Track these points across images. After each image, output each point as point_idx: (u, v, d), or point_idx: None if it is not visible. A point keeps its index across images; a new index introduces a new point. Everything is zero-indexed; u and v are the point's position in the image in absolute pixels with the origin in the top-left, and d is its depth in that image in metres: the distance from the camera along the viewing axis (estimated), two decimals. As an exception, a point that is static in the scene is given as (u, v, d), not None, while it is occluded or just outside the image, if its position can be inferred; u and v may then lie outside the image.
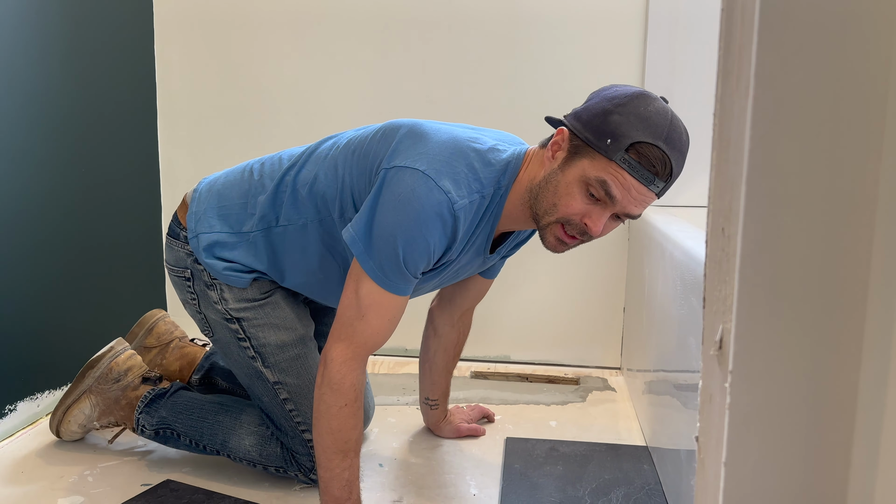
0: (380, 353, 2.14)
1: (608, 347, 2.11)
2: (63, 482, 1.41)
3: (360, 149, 1.24)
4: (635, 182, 1.07)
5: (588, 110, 1.11)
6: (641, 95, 1.09)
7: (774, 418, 0.45)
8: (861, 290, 0.44)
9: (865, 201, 0.43)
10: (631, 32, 1.99)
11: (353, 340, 1.14)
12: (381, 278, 1.12)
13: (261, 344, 1.34)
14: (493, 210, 1.19)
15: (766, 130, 0.43)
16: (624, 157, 1.06)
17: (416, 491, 1.40)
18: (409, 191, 1.10)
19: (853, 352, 0.44)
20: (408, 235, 1.10)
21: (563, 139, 1.12)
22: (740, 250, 0.45)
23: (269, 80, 2.12)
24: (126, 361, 1.50)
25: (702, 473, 0.52)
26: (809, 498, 0.45)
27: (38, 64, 1.65)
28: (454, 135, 1.18)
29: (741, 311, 0.45)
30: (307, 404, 1.35)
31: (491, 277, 1.52)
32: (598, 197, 1.10)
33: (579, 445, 1.60)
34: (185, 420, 1.44)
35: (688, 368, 1.23)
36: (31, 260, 1.65)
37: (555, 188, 1.12)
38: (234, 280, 1.32)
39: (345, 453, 1.17)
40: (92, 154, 1.85)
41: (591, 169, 1.08)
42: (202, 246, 1.32)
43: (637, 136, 1.05)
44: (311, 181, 1.28)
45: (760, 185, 0.44)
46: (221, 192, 1.36)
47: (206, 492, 1.38)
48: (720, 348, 0.48)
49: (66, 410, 1.53)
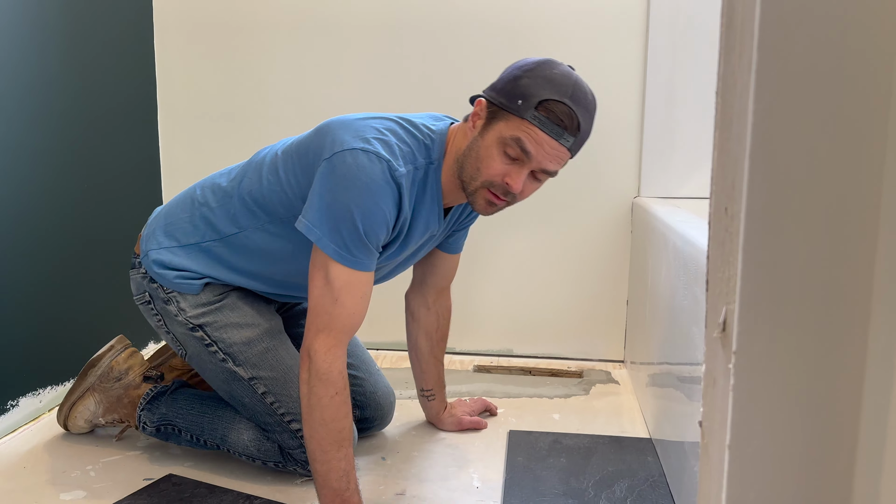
0: (381, 348, 2.13)
1: (611, 340, 2.11)
2: (65, 477, 1.41)
3: (299, 150, 1.29)
4: (547, 137, 1.15)
5: (501, 80, 1.21)
6: (547, 61, 1.19)
7: (779, 400, 0.44)
8: (867, 266, 0.43)
9: (872, 177, 0.42)
10: (632, 32, 1.97)
11: (333, 327, 1.16)
12: (346, 258, 1.16)
13: (228, 345, 1.36)
14: (431, 183, 1.26)
15: (770, 105, 0.42)
16: (534, 114, 1.15)
17: (418, 484, 1.40)
18: (354, 167, 1.15)
19: (859, 331, 0.43)
20: (363, 207, 1.15)
21: (482, 108, 1.21)
22: (744, 229, 0.44)
23: (269, 77, 2.11)
24: (126, 360, 1.50)
25: (706, 458, 0.52)
26: (815, 480, 0.44)
27: (38, 63, 1.64)
28: (383, 116, 1.26)
29: (745, 292, 0.44)
30: (286, 394, 1.36)
31: (455, 252, 1.54)
32: (514, 156, 1.17)
33: (583, 438, 1.59)
34: (185, 416, 1.44)
35: (691, 360, 1.22)
36: (33, 256, 1.65)
37: (476, 154, 1.20)
38: (185, 287, 1.36)
39: (340, 443, 1.17)
40: (93, 151, 1.85)
41: (506, 129, 1.16)
42: (152, 260, 1.38)
43: (544, 94, 1.14)
44: (255, 188, 1.32)
45: (764, 162, 0.43)
46: (168, 212, 1.42)
47: (209, 486, 1.38)
48: (723, 330, 0.48)
49: (72, 407, 1.54)
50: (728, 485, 0.45)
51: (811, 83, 0.42)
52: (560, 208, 2.07)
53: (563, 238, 2.08)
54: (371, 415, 1.54)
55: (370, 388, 1.54)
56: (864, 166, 0.42)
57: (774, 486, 0.45)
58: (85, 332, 1.79)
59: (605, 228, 2.06)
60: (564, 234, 2.08)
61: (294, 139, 1.34)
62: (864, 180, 0.42)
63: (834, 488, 0.44)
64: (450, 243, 1.52)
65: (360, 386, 1.53)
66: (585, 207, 2.06)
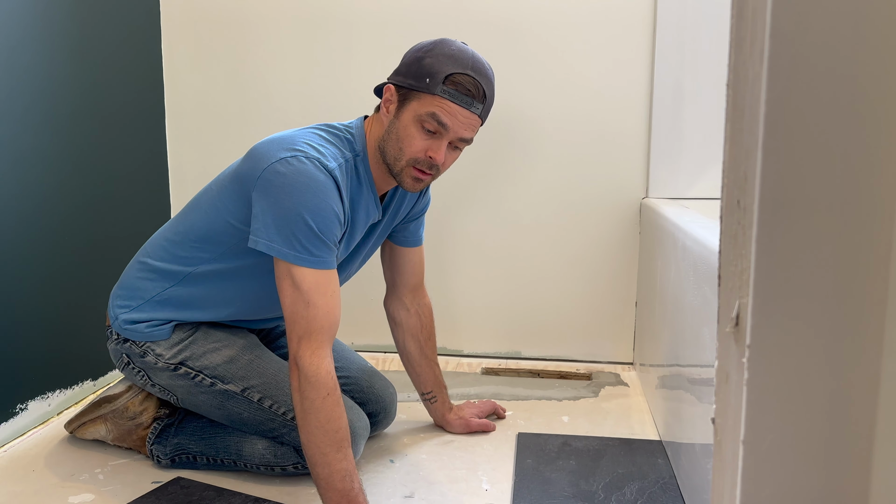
0: (388, 352, 2.13)
1: (620, 342, 2.09)
2: (74, 480, 1.41)
3: (233, 177, 1.33)
4: (458, 108, 1.24)
5: (403, 64, 1.28)
6: (443, 41, 1.27)
7: (794, 394, 0.43)
8: (883, 257, 0.42)
9: (887, 166, 0.41)
10: (639, 31, 1.97)
11: (312, 330, 1.18)
12: (307, 259, 1.19)
13: (212, 369, 1.39)
14: (362, 173, 1.32)
15: (782, 95, 0.41)
16: (443, 88, 1.23)
17: (427, 486, 1.39)
18: (289, 173, 1.20)
19: (875, 323, 0.42)
20: (311, 206, 1.18)
21: (391, 94, 1.28)
22: (757, 221, 0.43)
23: (276, 78, 2.12)
24: (143, 402, 1.50)
25: (719, 455, 0.51)
26: (832, 476, 0.43)
27: (46, 65, 1.65)
28: (301, 129, 1.32)
29: (758, 285, 0.44)
30: (282, 392, 1.38)
31: (415, 245, 1.56)
32: (432, 130, 1.25)
33: (592, 440, 1.58)
34: (197, 441, 1.44)
35: (702, 361, 1.21)
36: (41, 259, 1.66)
37: (396, 135, 1.28)
38: (157, 335, 1.41)
39: (339, 445, 1.17)
40: (101, 152, 1.85)
41: (419, 107, 1.24)
42: (122, 321, 1.42)
43: (448, 69, 1.23)
44: (198, 225, 1.37)
45: (777, 153, 0.42)
46: (123, 283, 1.46)
47: (217, 489, 1.37)
48: (737, 325, 0.47)
49: (81, 426, 1.54)
50: (743, 481, 0.44)
51: (824, 72, 0.41)
52: (568, 210, 2.06)
53: (572, 239, 2.07)
54: (374, 409, 1.54)
55: (366, 383, 1.54)
56: (880, 156, 0.41)
57: (790, 482, 0.44)
58: (94, 335, 1.79)
59: (613, 230, 2.05)
60: (572, 235, 2.07)
61: (226, 170, 1.38)
62: (879, 170, 0.42)
63: (851, 483, 0.43)
64: (406, 236, 1.54)
65: (356, 384, 1.53)
66: (593, 209, 2.05)
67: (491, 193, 2.08)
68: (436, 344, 1.62)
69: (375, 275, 1.65)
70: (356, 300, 2.06)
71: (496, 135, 2.04)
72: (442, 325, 2.07)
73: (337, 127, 1.34)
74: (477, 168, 2.07)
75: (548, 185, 2.06)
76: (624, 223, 2.04)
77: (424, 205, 1.54)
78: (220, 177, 1.39)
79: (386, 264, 1.58)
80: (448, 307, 2.13)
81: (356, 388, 1.53)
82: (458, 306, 2.14)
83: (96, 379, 1.86)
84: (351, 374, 1.54)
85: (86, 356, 1.81)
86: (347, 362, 1.56)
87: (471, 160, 2.05)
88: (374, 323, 1.96)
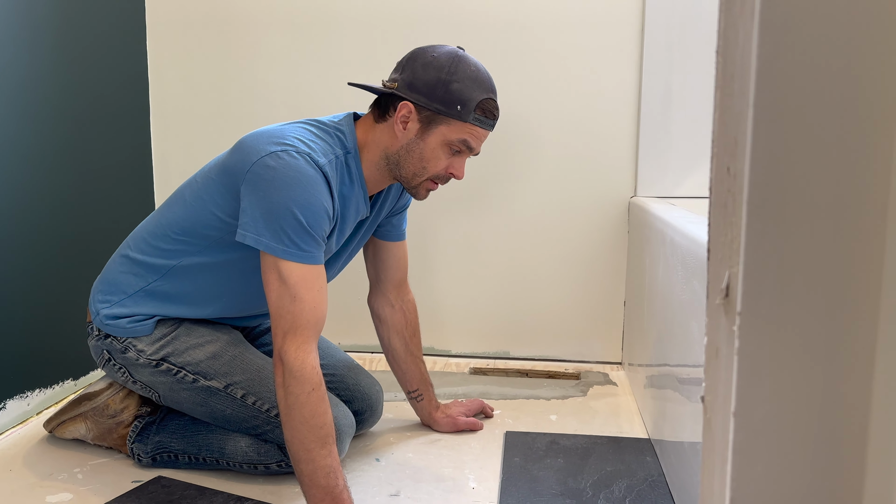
0: (375, 352, 2.11)
1: (609, 342, 2.08)
2: (52, 479, 1.38)
3: (220, 170, 1.31)
4: (484, 132, 1.30)
5: (424, 84, 1.26)
6: (459, 57, 1.27)
7: (787, 363, 0.42)
8: (879, 224, 0.41)
9: (884, 131, 0.40)
10: (628, 32, 1.97)
11: (298, 325, 1.16)
12: (295, 253, 1.17)
13: (194, 365, 1.37)
14: (353, 170, 1.31)
15: (775, 55, 0.40)
16: (475, 116, 1.26)
17: (413, 484, 1.37)
18: (279, 167, 1.18)
19: (871, 290, 0.41)
20: (300, 201, 1.17)
21: (410, 113, 1.27)
22: (748, 185, 0.42)
23: (261, 73, 2.10)
24: (123, 400, 1.47)
25: (708, 433, 0.49)
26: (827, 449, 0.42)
27: (28, 58, 1.62)
28: (291, 123, 1.30)
29: (749, 252, 0.42)
30: (266, 389, 1.36)
31: (398, 240, 1.55)
32: (460, 151, 1.29)
33: (580, 438, 1.57)
34: (179, 439, 1.42)
35: (690, 358, 1.20)
36: (22, 256, 1.63)
37: (420, 155, 1.29)
38: (139, 330, 1.38)
39: (323, 441, 1.15)
40: (84, 148, 1.83)
41: (451, 133, 1.27)
42: (103, 316, 1.39)
43: (478, 96, 1.26)
44: (181, 219, 1.35)
45: (768, 116, 0.41)
46: (105, 277, 1.44)
47: (199, 488, 1.35)
48: (726, 296, 0.45)
49: (61, 424, 1.51)
50: (734, 456, 0.43)
51: (821, 30, 0.40)
52: (556, 209, 2.05)
53: (560, 239, 2.06)
54: (360, 407, 1.52)
55: (352, 381, 1.52)
56: (877, 113, 0.40)
57: (783, 455, 0.42)
58: (76, 332, 1.76)
59: (601, 229, 2.04)
60: (561, 234, 2.06)
61: (211, 163, 1.36)
62: (876, 128, 0.40)
63: (846, 456, 0.42)
64: (389, 231, 1.53)
65: (342, 381, 1.51)
66: (582, 208, 2.04)
67: (480, 193, 2.07)
68: (421, 341, 1.61)
69: (361, 274, 1.63)
70: (343, 300, 2.04)
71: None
72: (430, 325, 2.05)
73: (326, 122, 1.32)
74: (466, 167, 2.06)
75: (536, 185, 2.05)
76: (612, 222, 2.04)
77: (408, 200, 1.52)
78: (206, 169, 1.36)
79: (370, 260, 1.57)
80: (436, 307, 2.11)
81: (342, 386, 1.51)
82: (446, 306, 2.12)
83: (77, 378, 1.82)
84: (337, 372, 1.52)
85: (67, 354, 1.78)
86: (333, 360, 1.54)
87: (459, 158, 2.04)
88: (361, 323, 1.94)
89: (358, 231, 1.43)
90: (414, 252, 1.88)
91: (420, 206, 2.00)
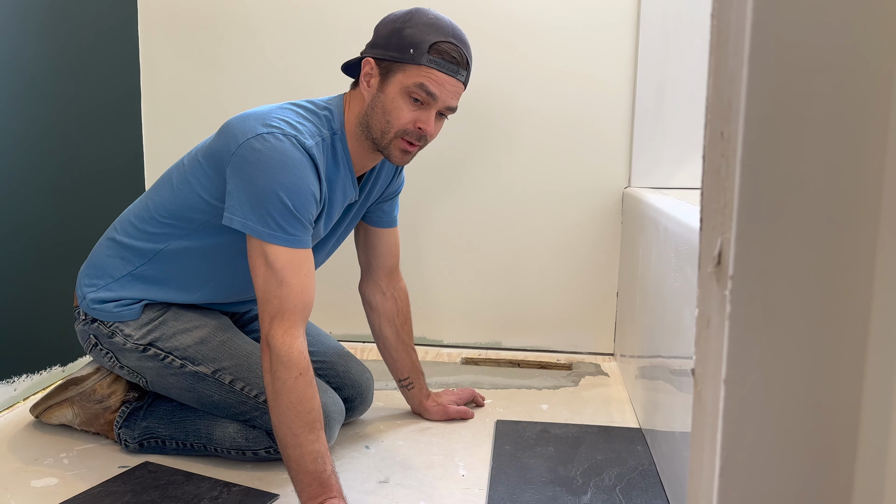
0: (366, 341, 2.09)
1: (601, 333, 2.08)
2: (38, 464, 1.37)
3: (206, 153, 1.29)
4: (446, 77, 1.23)
5: (381, 37, 1.25)
6: (418, 9, 1.26)
7: (778, 329, 0.41)
8: (875, 191, 0.40)
9: (883, 95, 0.39)
10: (623, 24, 1.96)
11: (285, 309, 1.15)
12: (281, 237, 1.16)
13: (182, 350, 1.35)
14: (340, 151, 1.29)
15: (770, 12, 0.39)
16: (429, 58, 1.22)
17: (402, 471, 1.36)
18: (265, 150, 1.16)
19: (865, 257, 0.40)
20: (287, 184, 1.16)
21: (371, 68, 1.25)
22: (741, 148, 0.41)
23: (253, 60, 2.08)
24: (110, 385, 1.46)
25: (699, 405, 0.48)
26: (818, 416, 0.41)
27: (17, 43, 1.60)
28: (278, 105, 1.28)
29: (741, 216, 0.41)
30: (254, 374, 1.34)
31: (389, 226, 1.53)
32: (421, 100, 1.24)
33: (571, 427, 1.56)
34: (167, 424, 1.40)
35: (682, 349, 1.19)
36: (11, 242, 1.61)
37: (382, 108, 1.25)
38: (126, 314, 1.37)
39: (311, 426, 1.14)
40: (73, 133, 1.81)
41: (406, 78, 1.23)
42: (90, 300, 1.38)
43: (432, 38, 1.22)
44: (167, 202, 1.34)
45: (764, 78, 0.40)
46: (92, 261, 1.43)
47: (186, 473, 1.33)
48: (718, 264, 0.45)
49: (48, 409, 1.49)
50: (724, 425, 0.42)
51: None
52: (550, 199, 2.04)
53: (553, 229, 2.05)
54: (350, 394, 1.50)
55: (342, 368, 1.51)
56: (876, 77, 0.39)
57: (773, 423, 0.41)
58: (64, 318, 1.74)
59: (595, 219, 2.03)
60: (554, 225, 2.05)
61: (198, 146, 1.35)
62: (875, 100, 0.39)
63: (838, 423, 0.41)
64: (380, 217, 1.51)
65: (332, 368, 1.50)
66: (576, 198, 2.03)
67: (473, 183, 2.06)
68: (412, 329, 1.59)
69: (353, 262, 1.62)
70: (334, 288, 2.03)
71: (479, 124, 2.02)
72: (422, 315, 2.04)
73: (314, 103, 1.31)
74: (459, 157, 2.05)
75: (530, 175, 2.04)
76: (606, 213, 2.03)
77: (399, 185, 1.51)
78: (193, 152, 1.35)
79: (361, 247, 1.55)
80: (428, 297, 2.10)
81: (332, 373, 1.50)
82: (438, 296, 2.11)
83: (65, 364, 1.81)
84: (326, 358, 1.51)
85: (55, 340, 1.76)
86: (323, 346, 1.53)
87: (453, 148, 2.02)
88: (352, 311, 1.93)
89: (346, 215, 1.41)
90: (406, 241, 1.87)
91: (414, 196, 1.99)
